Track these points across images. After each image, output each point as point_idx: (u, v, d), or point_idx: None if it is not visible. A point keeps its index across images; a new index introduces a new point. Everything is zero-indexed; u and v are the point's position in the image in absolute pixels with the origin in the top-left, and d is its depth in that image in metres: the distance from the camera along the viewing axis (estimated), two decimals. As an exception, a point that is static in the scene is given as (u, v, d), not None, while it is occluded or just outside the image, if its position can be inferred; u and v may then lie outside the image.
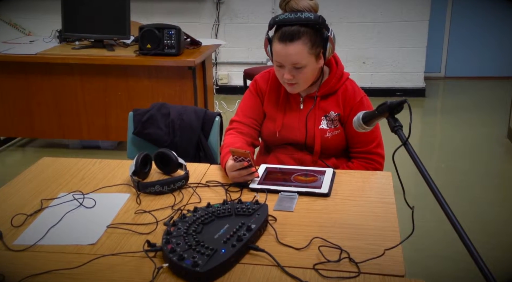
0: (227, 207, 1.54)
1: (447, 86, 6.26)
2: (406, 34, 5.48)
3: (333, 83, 1.95)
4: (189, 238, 1.39)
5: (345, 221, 1.55)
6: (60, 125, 4.11)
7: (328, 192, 1.69)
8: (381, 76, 5.64)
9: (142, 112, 2.40)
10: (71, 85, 3.98)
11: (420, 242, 2.90)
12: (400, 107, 1.29)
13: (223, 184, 1.78)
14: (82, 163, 1.99)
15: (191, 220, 1.47)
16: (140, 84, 3.90)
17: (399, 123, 1.29)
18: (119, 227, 1.52)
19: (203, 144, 2.35)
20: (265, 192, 1.69)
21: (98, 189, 1.76)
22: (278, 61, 1.85)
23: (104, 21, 3.96)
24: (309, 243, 1.42)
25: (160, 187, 1.73)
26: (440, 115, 5.44)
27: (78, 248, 1.43)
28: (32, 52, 3.89)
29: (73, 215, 1.59)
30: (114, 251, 1.41)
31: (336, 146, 1.97)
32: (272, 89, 2.02)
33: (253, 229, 1.43)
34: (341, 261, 1.35)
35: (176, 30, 3.72)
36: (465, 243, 0.99)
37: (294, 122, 1.98)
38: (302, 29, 1.80)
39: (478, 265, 0.96)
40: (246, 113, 2.04)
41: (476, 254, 0.96)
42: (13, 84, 4.04)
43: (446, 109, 5.61)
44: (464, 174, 3.85)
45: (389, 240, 1.42)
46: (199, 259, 1.29)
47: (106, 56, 3.82)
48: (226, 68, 5.75)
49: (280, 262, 1.34)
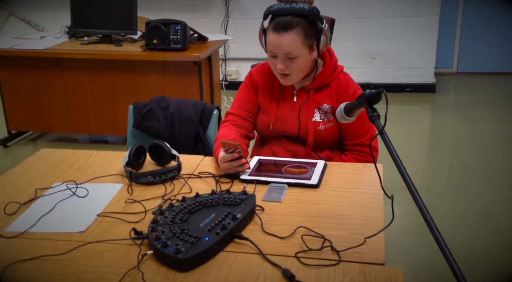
0: (214, 197, 1.56)
1: (459, 82, 6.21)
2: (416, 30, 5.45)
3: (327, 76, 1.96)
4: (174, 227, 1.41)
5: (331, 212, 1.56)
6: (69, 119, 4.18)
7: (317, 184, 1.70)
8: (390, 71, 5.62)
9: (141, 105, 2.43)
10: (79, 80, 4.04)
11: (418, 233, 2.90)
12: (378, 97, 1.30)
13: (214, 175, 1.81)
14: (79, 154, 2.03)
15: (178, 209, 1.50)
16: (146, 79, 3.94)
17: (377, 113, 1.30)
18: (109, 216, 1.55)
19: (202, 137, 2.38)
20: (254, 183, 1.71)
21: (92, 179, 1.80)
22: (271, 51, 1.87)
23: (112, 17, 4.02)
24: (293, 232, 1.44)
25: (152, 178, 1.76)
26: (452, 111, 5.39)
27: (68, 235, 1.46)
28: (42, 48, 3.96)
29: (65, 204, 1.63)
30: (102, 238, 1.44)
31: (329, 139, 1.98)
32: (267, 82, 2.03)
33: (238, 219, 1.45)
34: (323, 250, 1.36)
35: (182, 25, 3.75)
36: (436, 239, 0.99)
37: (287, 114, 1.99)
38: (296, 20, 1.81)
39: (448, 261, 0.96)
40: (241, 106, 2.06)
41: (446, 248, 0.97)
42: (23, 79, 4.12)
43: (457, 105, 5.56)
44: (476, 171, 3.81)
45: (373, 229, 1.43)
46: (182, 247, 1.32)
47: (113, 51, 3.87)
48: (235, 64, 5.78)
49: (262, 250, 1.36)
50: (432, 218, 1.05)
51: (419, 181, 3.68)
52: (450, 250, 0.97)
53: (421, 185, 3.61)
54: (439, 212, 3.22)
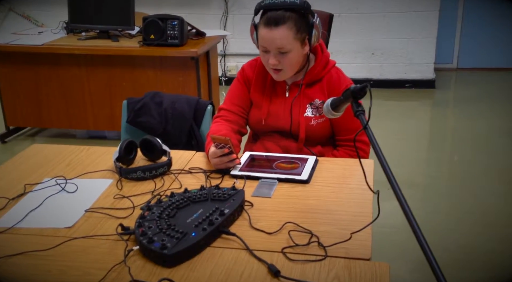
0: (203, 193, 1.56)
1: (459, 78, 6.17)
2: (416, 25, 5.42)
3: (318, 71, 1.95)
4: (161, 222, 1.41)
5: (320, 207, 1.56)
6: (67, 115, 4.18)
7: (307, 179, 1.70)
8: (390, 67, 5.59)
9: (135, 100, 2.43)
10: (77, 76, 4.04)
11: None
12: (362, 92, 1.29)
13: (205, 171, 1.80)
14: (70, 149, 2.02)
15: (166, 205, 1.49)
16: (144, 75, 3.93)
17: (362, 108, 1.29)
18: (97, 211, 1.55)
19: (195, 133, 2.37)
20: (244, 179, 1.70)
21: (82, 175, 1.79)
22: (263, 46, 1.86)
23: (109, 12, 4.00)
24: (281, 228, 1.44)
25: (142, 173, 1.75)
26: (451, 107, 5.37)
27: (55, 231, 1.46)
28: (39, 43, 3.95)
29: (54, 200, 1.62)
30: (89, 234, 1.44)
31: (321, 134, 1.97)
32: (259, 77, 2.02)
33: (226, 214, 1.45)
34: (310, 245, 1.36)
35: (179, 21, 3.74)
36: (418, 239, 0.99)
37: (279, 109, 1.98)
38: (287, 14, 1.80)
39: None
40: (233, 101, 2.05)
41: (426, 245, 0.96)
42: (21, 74, 4.11)
43: (457, 100, 5.54)
44: (476, 167, 3.79)
45: (361, 224, 1.42)
46: (168, 242, 1.32)
47: (110, 47, 3.86)
48: (235, 60, 5.76)
49: (249, 246, 1.36)
50: (413, 215, 1.03)
51: (418, 177, 3.67)
52: (430, 248, 0.97)
53: (420, 181, 3.60)
54: (438, 208, 3.21)
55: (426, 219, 3.07)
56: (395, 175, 1.29)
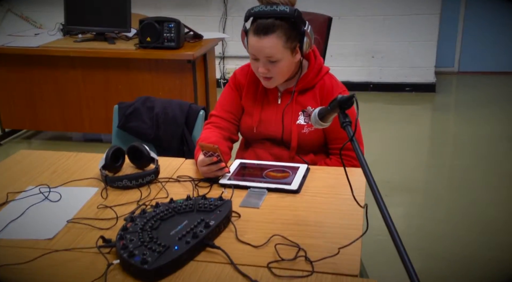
0: (189, 203, 1.51)
1: (460, 81, 6.12)
2: (416, 28, 5.37)
3: (311, 78, 1.90)
4: (143, 235, 1.36)
5: (309, 219, 1.51)
6: (63, 117, 4.14)
7: (297, 189, 1.65)
8: (390, 70, 5.54)
9: (126, 105, 2.39)
10: (73, 78, 4.00)
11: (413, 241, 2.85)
12: (349, 102, 1.24)
13: (193, 179, 1.76)
14: (57, 156, 1.98)
15: (150, 216, 1.45)
16: (140, 78, 3.89)
17: (348, 119, 1.24)
18: (79, 222, 1.50)
19: (187, 138, 2.33)
20: (232, 188, 1.66)
21: (66, 183, 1.75)
22: (253, 54, 1.82)
23: (105, 14, 3.97)
24: (268, 241, 1.39)
25: (128, 182, 1.71)
26: (452, 111, 5.30)
27: (35, 242, 1.41)
28: (34, 45, 3.92)
29: (36, 209, 1.58)
30: (70, 246, 1.40)
31: (313, 142, 1.92)
32: (251, 83, 1.98)
33: (211, 226, 1.40)
34: (296, 260, 1.31)
35: (176, 23, 3.70)
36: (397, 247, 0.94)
37: (271, 117, 1.94)
38: (277, 23, 1.75)
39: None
40: (225, 108, 2.00)
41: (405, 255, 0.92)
42: (17, 76, 4.08)
43: (458, 105, 5.48)
44: (476, 172, 3.73)
45: (350, 238, 1.37)
46: (149, 256, 1.27)
47: (106, 49, 3.82)
48: (233, 62, 5.72)
49: (234, 260, 1.31)
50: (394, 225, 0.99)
51: (417, 182, 3.61)
52: (411, 261, 0.93)
53: (420, 187, 3.55)
54: (437, 213, 3.15)
55: (424, 225, 3.02)
56: (395, 180, 1.23)
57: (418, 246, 2.79)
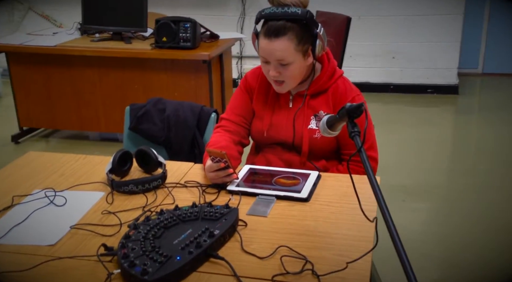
0: (194, 211, 1.47)
1: (485, 83, 5.97)
2: (439, 28, 5.25)
3: (324, 81, 1.84)
4: (146, 243, 1.33)
5: (318, 229, 1.46)
6: (79, 117, 4.14)
7: (307, 197, 1.60)
8: (411, 71, 5.43)
9: (138, 107, 2.36)
10: (89, 78, 4.00)
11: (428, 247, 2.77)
12: (359, 111, 1.18)
13: (201, 185, 1.71)
14: (66, 158, 1.96)
15: (153, 223, 1.41)
16: (156, 78, 3.87)
17: (357, 129, 1.18)
18: (83, 228, 1.47)
19: (198, 141, 2.29)
20: (239, 195, 1.61)
21: (73, 187, 1.72)
22: (263, 57, 1.77)
23: (121, 13, 3.96)
24: (274, 252, 1.34)
25: (134, 187, 1.67)
26: (475, 114, 5.17)
27: (36, 248, 1.39)
28: (52, 44, 3.92)
29: (40, 214, 1.55)
30: (72, 253, 1.37)
31: (325, 147, 1.86)
32: (262, 86, 1.93)
33: (216, 236, 1.36)
34: (303, 273, 1.26)
35: (191, 23, 3.66)
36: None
37: (282, 121, 1.88)
38: (288, 25, 1.70)
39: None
40: (235, 111, 1.96)
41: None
42: (34, 75, 4.09)
43: (482, 107, 5.34)
44: (501, 178, 3.61)
45: (360, 251, 1.32)
46: (150, 267, 1.23)
47: (122, 49, 3.80)
48: (251, 62, 5.67)
49: (239, 272, 1.26)
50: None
51: (437, 188, 3.51)
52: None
53: (440, 192, 3.45)
54: (458, 221, 3.05)
55: (444, 233, 2.93)
56: (412, 185, 1.16)
57: (436, 255, 2.70)
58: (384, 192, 1.11)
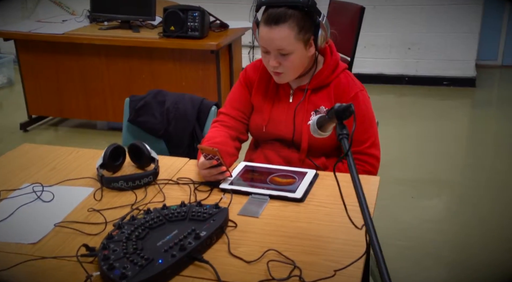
0: (182, 210, 1.42)
1: (504, 76, 5.80)
2: (456, 18, 5.09)
3: (325, 75, 1.76)
4: (128, 245, 1.28)
5: (310, 232, 1.39)
6: (87, 106, 4.11)
7: (301, 197, 1.53)
8: (427, 63, 5.29)
9: (137, 98, 2.31)
10: (97, 66, 3.96)
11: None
12: (347, 112, 1.11)
13: (193, 182, 1.66)
14: (59, 151, 1.91)
15: (138, 223, 1.36)
16: (164, 67, 3.82)
17: (346, 131, 1.10)
18: (67, 227, 1.43)
19: (198, 135, 2.23)
20: (231, 193, 1.55)
21: (62, 181, 1.68)
22: (263, 46, 1.70)
23: (130, 1, 3.90)
24: (261, 256, 1.28)
25: (124, 183, 1.62)
26: (493, 108, 5.01)
27: (18, 247, 1.34)
28: (60, 32, 3.89)
29: (26, 210, 1.51)
30: (54, 252, 1.32)
31: (325, 144, 1.79)
32: (262, 79, 1.86)
33: (202, 238, 1.30)
34: (289, 279, 1.20)
35: (200, 12, 3.59)
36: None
37: (281, 116, 1.81)
38: (289, 12, 1.63)
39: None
40: (234, 105, 1.89)
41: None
42: (43, 63, 4.07)
43: (500, 101, 5.18)
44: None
45: (353, 257, 1.25)
46: (130, 270, 1.18)
47: (129, 38, 3.75)
48: (264, 51, 5.58)
49: (223, 276, 1.21)
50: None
51: (451, 184, 3.40)
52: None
53: (454, 188, 3.34)
54: (472, 219, 2.95)
55: (456, 232, 2.84)
56: (426, 180, 1.08)
57: (448, 255, 2.61)
58: (396, 186, 1.05)
